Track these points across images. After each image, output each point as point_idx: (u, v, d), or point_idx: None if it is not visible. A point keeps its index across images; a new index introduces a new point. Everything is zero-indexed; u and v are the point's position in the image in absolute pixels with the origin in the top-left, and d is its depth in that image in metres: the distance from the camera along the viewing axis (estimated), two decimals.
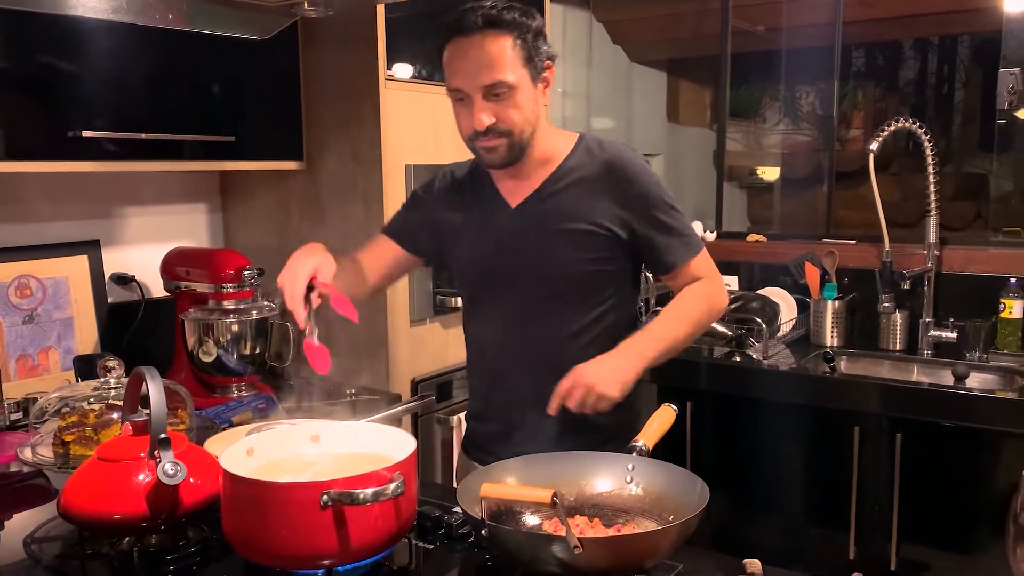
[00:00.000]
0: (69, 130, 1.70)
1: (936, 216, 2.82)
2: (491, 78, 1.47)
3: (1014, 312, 2.66)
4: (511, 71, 1.47)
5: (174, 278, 2.08)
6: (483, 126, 1.49)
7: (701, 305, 1.62)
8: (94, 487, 1.17)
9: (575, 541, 1.00)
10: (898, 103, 4.68)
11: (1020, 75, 2.74)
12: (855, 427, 2.44)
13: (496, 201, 1.64)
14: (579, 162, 1.60)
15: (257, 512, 1.06)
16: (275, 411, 1.91)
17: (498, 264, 1.61)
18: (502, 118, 1.49)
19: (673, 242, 1.60)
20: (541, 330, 1.60)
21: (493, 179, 1.65)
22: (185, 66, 1.94)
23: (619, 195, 1.57)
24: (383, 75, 2.12)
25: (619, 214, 1.57)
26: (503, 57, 1.47)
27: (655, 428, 1.35)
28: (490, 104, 1.49)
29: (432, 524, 1.28)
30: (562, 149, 1.62)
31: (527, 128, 1.53)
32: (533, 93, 1.53)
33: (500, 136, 1.51)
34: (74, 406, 1.52)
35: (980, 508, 2.32)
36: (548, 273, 1.58)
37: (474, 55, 1.47)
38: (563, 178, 1.59)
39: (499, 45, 1.47)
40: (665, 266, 1.62)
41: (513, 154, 1.54)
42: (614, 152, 1.61)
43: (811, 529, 2.59)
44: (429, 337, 2.34)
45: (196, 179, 2.40)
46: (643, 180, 1.59)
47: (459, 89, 1.50)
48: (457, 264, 1.71)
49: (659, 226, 1.59)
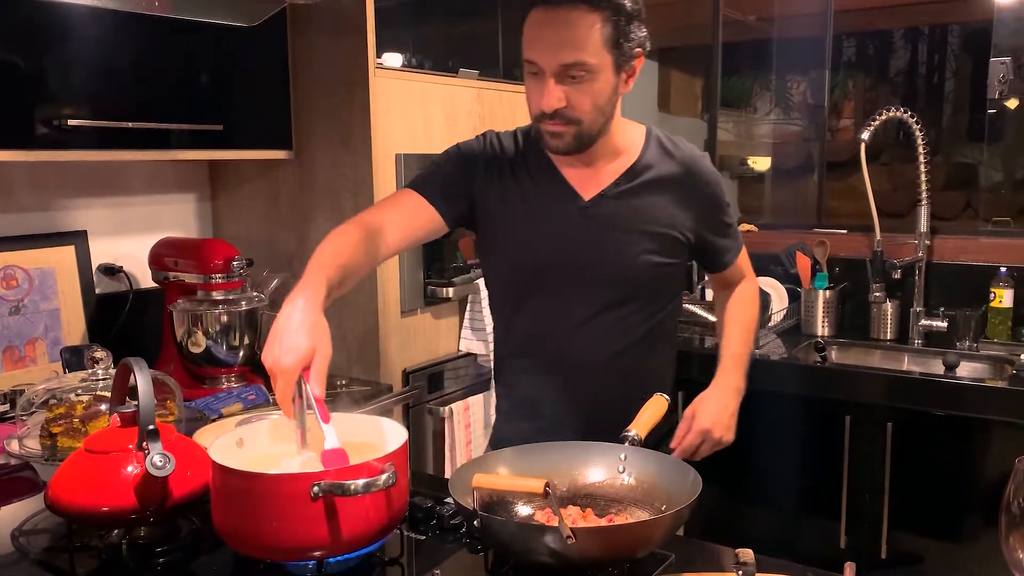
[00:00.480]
0: (54, 119, 1.68)
1: (927, 206, 2.83)
2: (570, 57, 1.34)
3: (1004, 301, 2.66)
4: (594, 53, 1.34)
5: (162, 269, 2.06)
6: (551, 108, 1.37)
7: (755, 310, 1.71)
8: (82, 479, 1.16)
9: (567, 531, 0.99)
10: (888, 93, 4.67)
11: (1011, 64, 2.74)
12: (846, 416, 2.45)
13: (565, 192, 1.50)
14: (654, 160, 1.52)
15: (247, 504, 1.05)
16: (265, 402, 1.90)
17: (563, 261, 1.50)
18: (574, 103, 1.37)
19: (730, 242, 1.63)
20: (606, 334, 1.51)
21: (556, 164, 1.51)
22: (172, 54, 1.91)
23: (694, 199, 1.53)
24: (372, 64, 2.10)
25: (691, 218, 1.53)
26: (588, 36, 1.33)
27: (647, 418, 1.35)
28: (564, 86, 1.36)
29: (424, 515, 1.27)
30: (635, 143, 1.52)
31: (599, 119, 1.41)
32: (613, 81, 1.40)
33: (568, 123, 1.39)
34: (61, 398, 1.50)
35: (971, 496, 2.32)
36: (619, 275, 1.50)
37: (557, 28, 1.34)
38: (639, 174, 1.51)
39: (587, 22, 1.33)
40: (721, 265, 1.65)
41: (580, 144, 1.43)
42: (690, 153, 1.56)
43: (802, 518, 2.60)
44: (420, 328, 2.33)
45: (184, 168, 2.38)
46: (716, 186, 1.57)
47: (533, 62, 1.37)
48: (506, 254, 1.56)
49: (721, 228, 1.60)
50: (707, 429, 1.47)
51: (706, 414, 1.48)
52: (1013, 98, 2.93)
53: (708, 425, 1.47)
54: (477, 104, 2.44)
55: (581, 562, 1.04)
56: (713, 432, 1.47)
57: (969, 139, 4.23)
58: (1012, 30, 2.85)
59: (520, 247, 1.53)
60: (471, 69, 2.42)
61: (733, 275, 1.71)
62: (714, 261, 1.65)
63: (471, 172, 1.54)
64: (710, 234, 1.58)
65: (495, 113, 2.51)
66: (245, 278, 2.03)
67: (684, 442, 1.45)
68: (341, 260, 1.31)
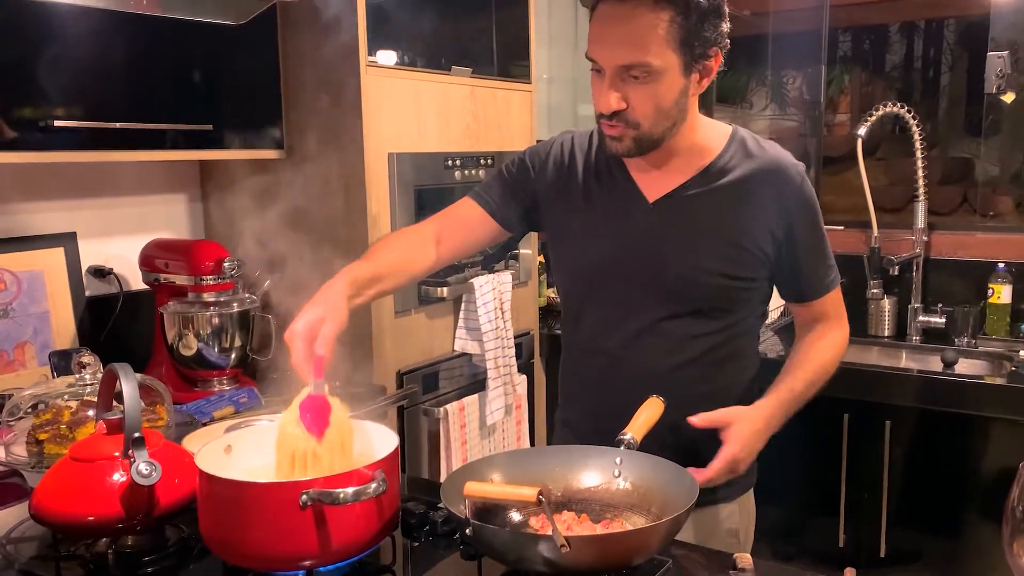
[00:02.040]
0: (41, 120, 1.66)
1: (924, 201, 2.81)
2: (630, 57, 1.26)
3: (1002, 297, 2.65)
4: (657, 54, 1.25)
5: (153, 270, 2.04)
6: (609, 109, 1.29)
7: (836, 360, 1.48)
8: (66, 488, 1.13)
9: (562, 540, 0.97)
10: (884, 87, 4.65)
11: (1008, 58, 2.72)
12: (844, 414, 2.44)
13: (629, 192, 1.42)
14: (734, 161, 1.39)
15: (234, 513, 1.03)
16: (257, 405, 1.88)
17: (625, 267, 1.41)
18: (634, 105, 1.29)
19: (818, 270, 1.44)
20: (663, 347, 1.41)
21: (627, 163, 1.43)
22: (162, 53, 1.89)
23: (776, 206, 1.38)
24: (364, 61, 2.08)
25: (772, 227, 1.38)
26: (652, 35, 1.25)
27: (643, 420, 1.31)
28: (625, 86, 1.28)
29: (417, 521, 1.25)
30: (715, 143, 1.41)
31: (662, 123, 1.31)
32: (681, 83, 1.29)
33: (627, 126, 1.31)
34: (48, 403, 1.48)
35: (969, 494, 2.31)
36: (682, 284, 1.39)
37: (618, 26, 1.26)
38: (714, 177, 1.39)
39: (651, 20, 1.24)
40: (802, 294, 1.46)
41: (641, 148, 1.34)
42: (775, 155, 1.41)
43: (801, 516, 2.59)
44: (414, 328, 2.31)
45: (175, 169, 2.35)
46: (804, 192, 1.40)
47: (594, 60, 1.30)
48: (568, 258, 1.50)
49: (808, 248, 1.42)
50: (737, 459, 1.31)
51: (742, 442, 1.32)
52: (1010, 92, 2.91)
53: (740, 455, 1.31)
54: (470, 102, 2.42)
55: (575, 570, 1.02)
56: (738, 467, 1.32)
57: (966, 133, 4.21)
58: (1009, 23, 2.84)
59: (580, 249, 1.47)
60: (464, 67, 2.40)
61: (817, 313, 1.49)
62: (795, 287, 1.46)
63: (536, 174, 1.51)
64: (795, 251, 1.41)
65: (488, 111, 2.48)
66: (237, 279, 2.01)
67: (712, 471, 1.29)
68: (380, 256, 1.40)
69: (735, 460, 1.30)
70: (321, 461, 1.11)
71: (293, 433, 1.12)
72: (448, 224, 1.51)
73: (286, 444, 1.12)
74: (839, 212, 3.33)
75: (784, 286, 1.48)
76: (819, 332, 1.49)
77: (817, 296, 1.47)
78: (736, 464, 1.31)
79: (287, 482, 1.03)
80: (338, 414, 1.15)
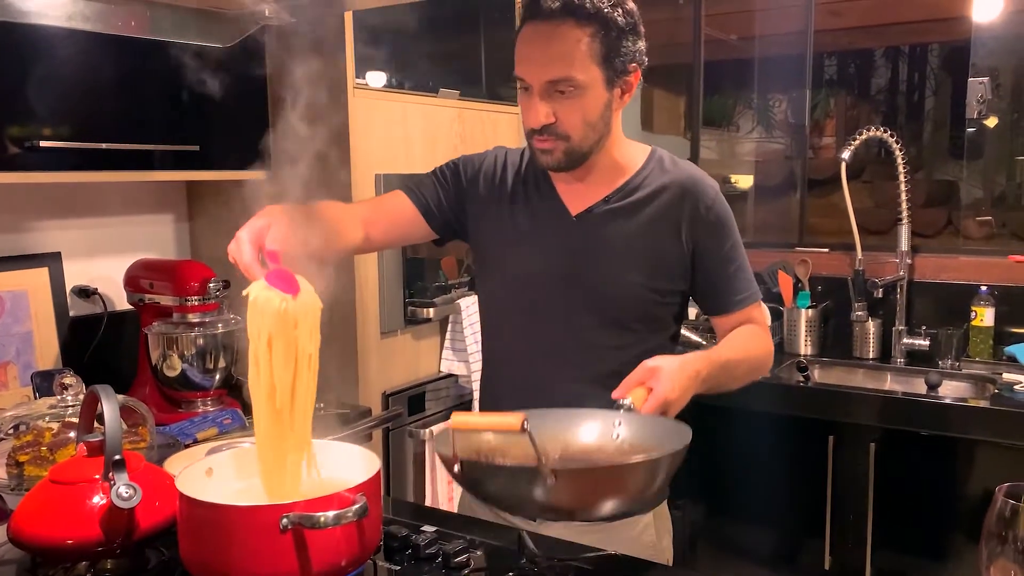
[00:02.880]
0: (27, 140, 1.66)
1: (908, 224, 2.84)
2: (556, 73, 1.32)
3: (985, 320, 2.67)
4: (581, 68, 1.32)
5: (137, 291, 2.03)
6: (538, 124, 1.35)
7: (760, 347, 1.47)
8: (45, 511, 1.12)
9: (548, 471, 0.94)
10: (870, 111, 4.71)
11: (989, 84, 2.75)
12: (829, 436, 2.44)
13: (554, 205, 1.48)
14: (651, 176, 1.46)
15: (214, 536, 1.02)
16: (241, 426, 1.87)
17: (548, 280, 1.45)
18: (562, 119, 1.35)
19: (734, 283, 1.48)
20: (586, 362, 1.44)
21: (553, 179, 1.49)
22: (148, 74, 1.89)
23: (689, 219, 1.44)
24: (352, 83, 2.09)
25: (685, 240, 1.44)
26: (576, 51, 1.32)
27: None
28: (552, 101, 1.34)
29: (399, 544, 1.24)
30: (635, 161, 1.48)
31: (590, 135, 1.38)
32: (605, 97, 1.37)
33: (557, 139, 1.37)
34: (30, 424, 1.47)
35: (954, 516, 2.32)
36: (602, 297, 1.43)
37: (544, 44, 1.33)
38: (633, 191, 1.46)
39: (573, 37, 1.32)
40: (719, 306, 1.49)
41: (571, 161, 1.40)
42: (690, 171, 1.48)
43: (786, 538, 2.59)
44: (400, 349, 2.30)
45: (162, 189, 2.35)
46: (717, 206, 1.46)
47: (521, 78, 1.36)
48: (493, 268, 1.54)
49: (723, 262, 1.47)
50: (669, 401, 1.23)
51: (672, 382, 1.24)
52: (992, 116, 2.95)
53: (672, 396, 1.23)
54: (458, 124, 2.43)
55: (563, 508, 1.01)
56: (669, 409, 1.24)
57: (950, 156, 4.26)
58: (990, 50, 2.87)
59: (505, 259, 1.52)
60: (452, 89, 2.41)
61: (736, 326, 1.51)
62: (715, 299, 1.49)
63: (467, 182, 1.55)
64: (706, 265, 1.46)
65: (476, 133, 2.50)
66: (222, 300, 2.00)
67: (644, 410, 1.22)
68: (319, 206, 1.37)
69: (667, 402, 1.23)
70: (300, 329, 1.09)
71: (267, 296, 1.09)
72: (377, 211, 1.53)
73: (260, 310, 1.09)
74: (824, 234, 3.36)
75: (702, 298, 1.51)
76: (746, 326, 1.51)
77: (735, 308, 1.49)
78: (668, 406, 1.24)
79: (267, 505, 1.02)
80: (305, 285, 1.13)
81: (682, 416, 1.31)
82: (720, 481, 2.61)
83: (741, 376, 1.46)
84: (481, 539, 1.27)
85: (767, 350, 1.51)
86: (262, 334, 1.09)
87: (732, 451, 2.57)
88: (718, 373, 1.37)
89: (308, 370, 1.12)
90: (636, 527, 1.52)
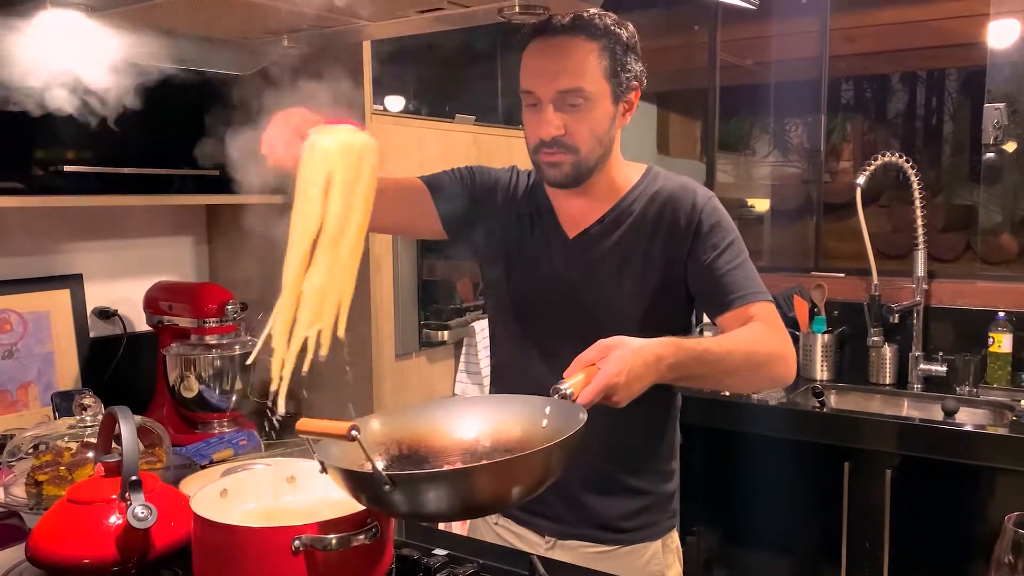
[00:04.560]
0: (51, 164, 1.70)
1: (924, 249, 2.83)
2: (568, 84, 1.35)
3: (1003, 346, 2.65)
4: (592, 80, 1.35)
5: (157, 312, 2.06)
6: (549, 136, 1.37)
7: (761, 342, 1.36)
8: (63, 530, 1.14)
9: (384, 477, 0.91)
10: (887, 135, 4.70)
11: (1005, 110, 2.75)
12: (845, 462, 2.43)
13: (553, 227, 1.50)
14: (644, 193, 1.48)
15: (227, 557, 1.04)
16: (256, 448, 1.89)
17: (545, 300, 1.48)
18: (572, 131, 1.37)
19: (733, 280, 1.42)
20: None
21: (552, 201, 1.51)
22: (169, 99, 1.93)
23: (682, 230, 1.43)
24: (369, 109, 2.12)
25: (679, 245, 1.44)
26: (585, 63, 1.35)
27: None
28: (562, 114, 1.36)
29: (411, 567, 1.25)
30: (629, 179, 1.50)
31: (597, 149, 1.40)
32: (611, 112, 1.40)
33: (566, 152, 1.38)
34: (49, 444, 1.49)
35: (971, 544, 2.29)
36: (600, 318, 1.41)
37: (554, 57, 1.35)
38: (626, 211, 1.47)
39: (583, 50, 1.35)
40: (719, 305, 1.42)
41: (579, 175, 1.40)
42: (680, 180, 1.49)
43: (801, 565, 2.57)
44: (415, 371, 2.32)
45: (182, 212, 2.39)
46: (707, 208, 1.44)
47: (531, 92, 1.38)
48: (494, 284, 1.57)
49: (718, 260, 1.43)
50: (613, 384, 1.13)
51: (621, 364, 1.15)
52: (1011, 141, 2.94)
53: (618, 379, 1.14)
54: (474, 149, 2.46)
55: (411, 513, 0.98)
56: (614, 394, 1.15)
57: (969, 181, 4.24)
58: (1006, 76, 2.87)
59: (506, 281, 1.54)
60: (468, 115, 2.44)
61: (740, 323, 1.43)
62: (711, 302, 1.44)
63: (483, 191, 1.58)
64: (702, 267, 1.42)
65: (492, 158, 2.52)
66: (239, 322, 2.03)
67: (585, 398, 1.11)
68: None
69: (611, 386, 1.13)
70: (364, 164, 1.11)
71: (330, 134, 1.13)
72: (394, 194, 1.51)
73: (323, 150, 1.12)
74: (841, 259, 3.36)
75: (701, 303, 1.48)
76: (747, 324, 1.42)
77: (732, 306, 1.41)
78: (612, 390, 1.14)
79: (279, 527, 1.03)
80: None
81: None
82: (735, 507, 2.60)
83: (733, 370, 1.35)
84: (493, 563, 1.28)
85: (773, 347, 1.38)
86: (319, 173, 1.11)
87: (747, 477, 2.56)
88: (691, 362, 1.27)
89: (363, 212, 1.12)
90: (645, 554, 1.52)
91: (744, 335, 1.38)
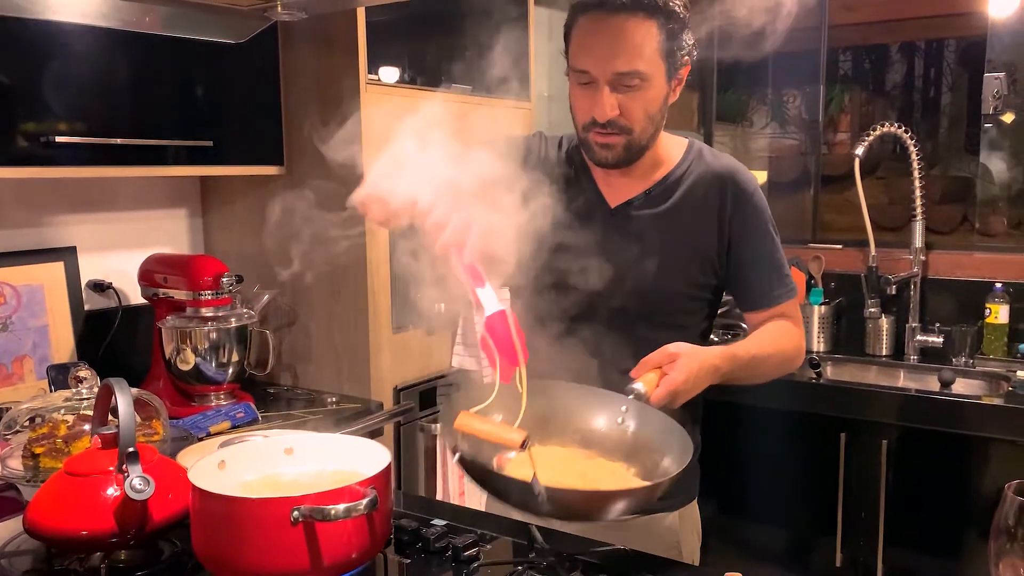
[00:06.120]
0: (42, 135, 1.67)
1: (922, 221, 2.82)
2: (627, 66, 1.31)
3: (999, 317, 2.65)
4: (649, 61, 1.32)
5: (152, 285, 2.05)
6: (605, 117, 1.34)
7: (790, 343, 1.46)
8: (60, 502, 1.14)
9: (540, 488, 0.97)
10: (885, 106, 4.67)
11: (1005, 79, 2.73)
12: (841, 433, 2.43)
13: (593, 199, 1.46)
14: (691, 169, 1.45)
15: (226, 528, 1.03)
16: (253, 420, 1.89)
17: (580, 270, 1.41)
18: (627, 112, 1.34)
19: (769, 278, 1.46)
20: (615, 352, 1.38)
21: (592, 171, 1.48)
22: (162, 69, 1.91)
23: (727, 211, 1.43)
24: (364, 79, 2.10)
25: (724, 232, 1.43)
26: (644, 44, 1.31)
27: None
28: (618, 95, 1.33)
29: (409, 538, 1.25)
30: (674, 154, 1.48)
31: (649, 129, 1.38)
32: (665, 91, 1.37)
33: (620, 133, 1.36)
34: (45, 417, 1.48)
35: (967, 514, 2.31)
36: (636, 290, 1.41)
37: (613, 36, 1.31)
38: (673, 186, 1.45)
39: (643, 30, 1.31)
40: (755, 301, 1.47)
41: (630, 155, 1.39)
42: (730, 163, 1.47)
43: (798, 535, 2.58)
44: (412, 344, 2.31)
45: (176, 184, 2.37)
46: (755, 201, 1.45)
47: (586, 71, 1.34)
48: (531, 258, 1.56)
49: (761, 255, 1.45)
50: (678, 391, 1.23)
51: (687, 372, 1.24)
52: (1009, 112, 2.93)
53: (683, 387, 1.23)
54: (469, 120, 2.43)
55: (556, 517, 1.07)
56: (676, 399, 1.24)
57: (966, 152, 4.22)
58: (1006, 45, 2.85)
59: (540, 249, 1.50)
60: (464, 85, 2.41)
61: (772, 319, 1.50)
62: (749, 295, 1.48)
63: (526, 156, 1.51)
64: (748, 258, 1.44)
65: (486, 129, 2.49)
66: (235, 294, 2.02)
67: (654, 399, 1.22)
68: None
69: (675, 392, 1.23)
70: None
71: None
72: None
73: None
74: (838, 231, 3.35)
75: (736, 293, 1.50)
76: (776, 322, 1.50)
77: (769, 305, 1.48)
78: (676, 396, 1.23)
79: (278, 498, 1.03)
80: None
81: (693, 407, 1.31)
82: (731, 478, 2.60)
83: (769, 371, 1.45)
84: (491, 533, 1.28)
85: (797, 345, 1.49)
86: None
87: (744, 448, 2.56)
88: (739, 369, 1.36)
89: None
90: (661, 525, 1.51)
91: (776, 335, 1.45)
